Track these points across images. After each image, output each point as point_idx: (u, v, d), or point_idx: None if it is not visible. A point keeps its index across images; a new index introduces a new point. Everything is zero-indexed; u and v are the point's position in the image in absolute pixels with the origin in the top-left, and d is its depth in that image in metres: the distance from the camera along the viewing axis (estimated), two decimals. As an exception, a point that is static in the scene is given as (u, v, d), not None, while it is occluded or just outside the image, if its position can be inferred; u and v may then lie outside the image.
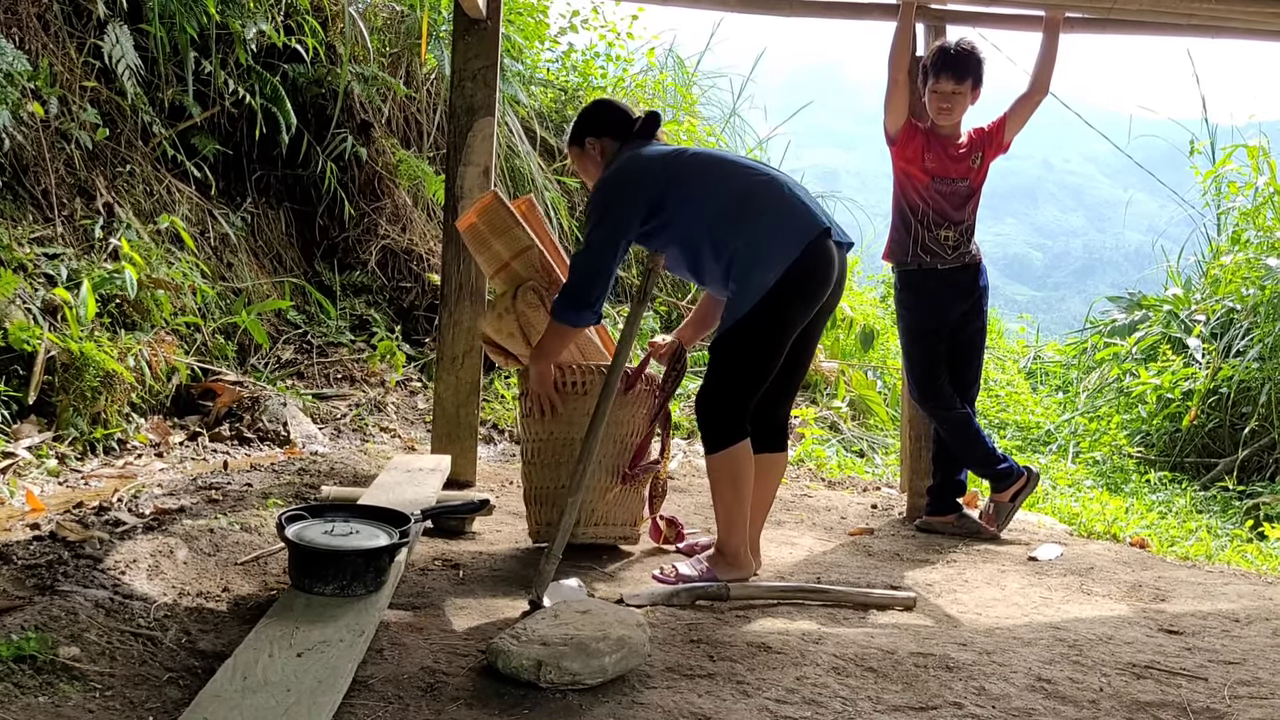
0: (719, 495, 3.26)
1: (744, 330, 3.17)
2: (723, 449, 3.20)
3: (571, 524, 3.03)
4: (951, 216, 4.13)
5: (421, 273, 6.71)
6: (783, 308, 3.15)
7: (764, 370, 3.21)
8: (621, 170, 3.32)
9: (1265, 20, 4.34)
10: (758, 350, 3.19)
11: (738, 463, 3.20)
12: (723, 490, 3.24)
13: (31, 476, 3.94)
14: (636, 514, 3.64)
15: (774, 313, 3.15)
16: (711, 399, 3.22)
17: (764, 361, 3.20)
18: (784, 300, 3.15)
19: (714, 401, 3.22)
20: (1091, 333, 9.11)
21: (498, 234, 3.47)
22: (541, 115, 7.99)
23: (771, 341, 3.19)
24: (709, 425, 3.23)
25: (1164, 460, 6.67)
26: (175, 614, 2.58)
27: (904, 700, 2.46)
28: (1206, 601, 3.52)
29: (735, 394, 3.20)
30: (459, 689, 2.31)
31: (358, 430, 5.32)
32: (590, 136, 3.49)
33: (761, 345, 3.18)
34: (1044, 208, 57.29)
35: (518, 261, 3.48)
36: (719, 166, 3.33)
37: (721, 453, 3.20)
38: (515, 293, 3.45)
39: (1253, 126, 8.89)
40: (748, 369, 3.20)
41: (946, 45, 4.09)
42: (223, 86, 5.94)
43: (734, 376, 3.21)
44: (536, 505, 3.55)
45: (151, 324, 5.00)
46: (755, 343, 3.18)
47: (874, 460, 6.07)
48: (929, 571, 3.71)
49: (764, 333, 3.17)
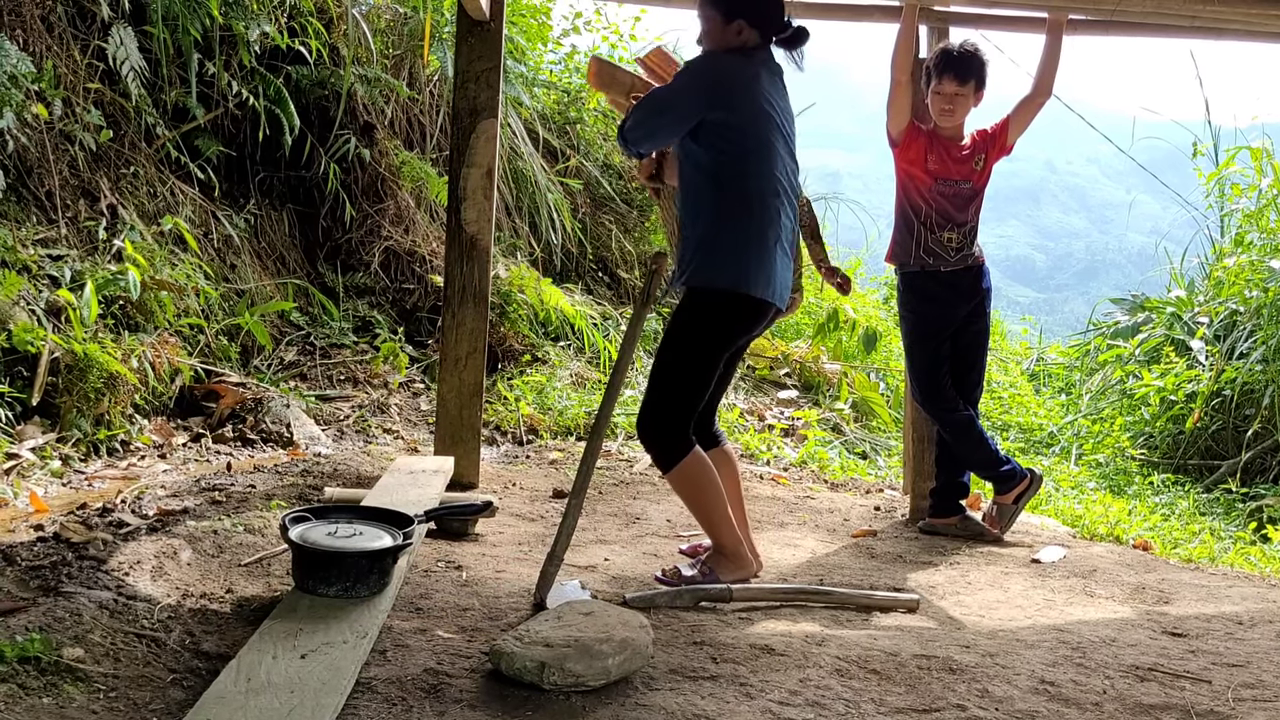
0: (693, 505, 3.31)
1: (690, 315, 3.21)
2: (675, 465, 3.21)
3: (574, 526, 3.04)
4: (954, 218, 4.13)
5: (424, 274, 6.72)
6: (723, 323, 3.22)
7: (701, 379, 3.23)
8: (730, 66, 3.25)
9: (1268, 22, 4.33)
10: (695, 351, 3.22)
11: (695, 471, 3.22)
12: (692, 500, 3.29)
13: (35, 478, 3.95)
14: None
15: (714, 318, 3.21)
16: (652, 415, 3.22)
17: (700, 369, 3.22)
18: (726, 316, 3.21)
19: (655, 418, 3.22)
20: (1094, 334, 9.10)
21: (608, 85, 3.90)
22: (544, 117, 7.99)
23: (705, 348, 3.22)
24: (656, 444, 3.23)
25: (1167, 462, 6.67)
26: (179, 615, 2.58)
27: (907, 702, 2.46)
28: (1210, 604, 3.51)
29: (675, 406, 3.21)
30: (462, 690, 2.31)
31: (361, 432, 5.33)
32: (743, 19, 3.27)
33: (696, 346, 3.22)
34: (1047, 209, 57.29)
35: (633, 97, 3.67)
36: (769, 151, 3.25)
37: (675, 470, 3.22)
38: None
39: (1256, 128, 8.88)
40: (687, 373, 3.21)
41: (949, 47, 4.09)
42: (226, 88, 5.94)
43: (674, 383, 3.22)
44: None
45: (155, 325, 5.00)
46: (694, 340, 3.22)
47: (877, 462, 6.07)
48: (932, 574, 3.70)
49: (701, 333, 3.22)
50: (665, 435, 3.20)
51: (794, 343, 7.53)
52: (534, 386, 5.99)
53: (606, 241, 7.91)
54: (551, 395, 5.93)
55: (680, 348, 3.23)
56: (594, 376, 6.43)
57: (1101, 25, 4.43)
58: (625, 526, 4.08)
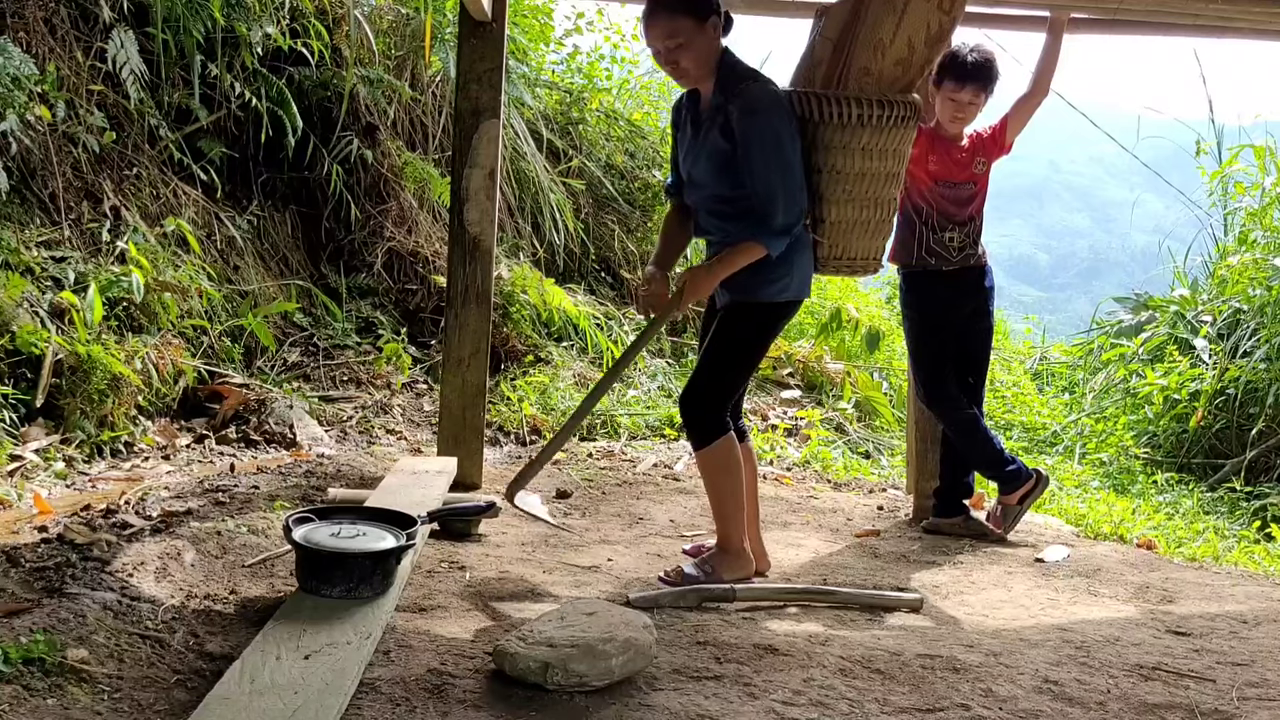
0: (714, 489, 3.34)
1: (754, 324, 3.33)
2: (712, 442, 3.28)
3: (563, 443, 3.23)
4: (956, 218, 4.12)
5: (427, 275, 6.72)
6: (778, 325, 3.42)
7: (749, 372, 3.43)
8: (778, 93, 3.26)
9: (1271, 20, 4.33)
10: (752, 352, 3.39)
11: (726, 452, 3.30)
12: (717, 483, 3.32)
13: (39, 479, 3.95)
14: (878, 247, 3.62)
15: (774, 325, 3.39)
16: (700, 395, 3.31)
17: (753, 364, 3.43)
18: (784, 321, 3.44)
19: (702, 398, 3.31)
20: (1098, 333, 9.07)
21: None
22: (547, 117, 7.99)
23: (762, 348, 3.44)
24: (698, 422, 3.31)
25: (1171, 461, 6.65)
26: (183, 616, 2.59)
27: (911, 702, 2.46)
28: (1214, 603, 3.51)
29: (723, 391, 3.32)
30: (466, 691, 2.32)
31: (364, 432, 5.33)
32: (715, 15, 3.17)
33: (755, 348, 3.40)
34: (1050, 208, 57.22)
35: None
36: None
37: (711, 446, 3.28)
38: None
39: (1259, 126, 8.85)
40: (740, 367, 3.36)
41: (963, 53, 3.99)
42: (229, 90, 5.95)
43: (726, 373, 3.33)
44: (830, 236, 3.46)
45: (158, 327, 5.01)
46: (754, 344, 3.38)
47: (880, 462, 6.06)
48: (936, 573, 3.70)
49: (761, 338, 3.40)
50: (709, 413, 3.29)
51: (797, 342, 7.52)
52: (537, 387, 5.99)
53: (609, 242, 7.91)
54: (554, 396, 5.93)
55: (742, 350, 3.36)
56: (597, 377, 6.43)
57: (1105, 24, 4.43)
58: (629, 527, 4.08)
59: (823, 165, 3.33)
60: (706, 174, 3.28)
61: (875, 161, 3.38)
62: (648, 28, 3.22)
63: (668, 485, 4.77)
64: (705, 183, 3.31)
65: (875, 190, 3.43)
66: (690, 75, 3.23)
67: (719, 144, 3.21)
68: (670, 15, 3.15)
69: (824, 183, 3.35)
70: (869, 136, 3.33)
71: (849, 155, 3.33)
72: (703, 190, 3.33)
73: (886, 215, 3.54)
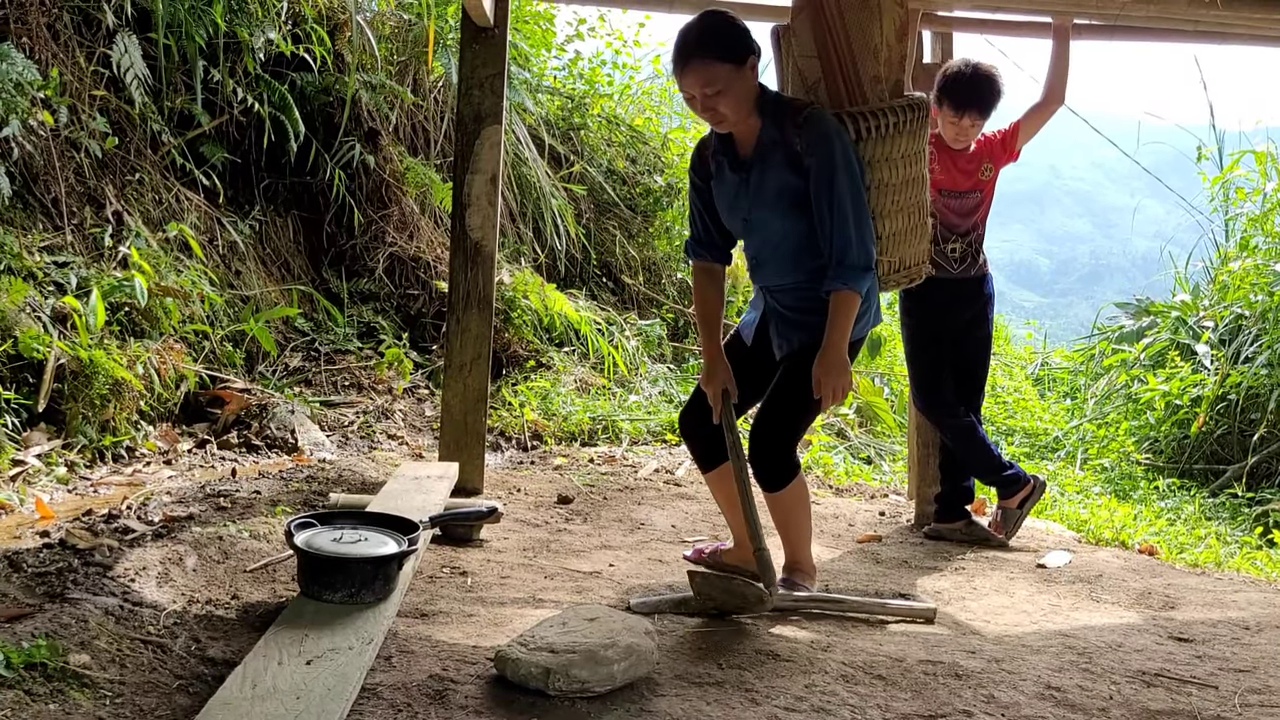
0: (794, 523, 3.25)
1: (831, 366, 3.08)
2: (788, 484, 3.17)
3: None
4: (958, 228, 4.10)
5: (429, 280, 6.73)
6: (854, 358, 3.25)
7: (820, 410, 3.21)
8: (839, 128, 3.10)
9: (1272, 26, 4.33)
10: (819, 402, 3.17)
11: (802, 491, 3.24)
12: (797, 517, 3.24)
13: (41, 484, 3.96)
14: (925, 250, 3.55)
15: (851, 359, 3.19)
16: (780, 442, 3.15)
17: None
18: (857, 351, 3.28)
19: (784, 444, 3.16)
20: (1099, 339, 9.07)
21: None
22: (548, 123, 8.01)
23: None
24: (780, 467, 3.15)
25: (1172, 467, 6.65)
26: (185, 621, 2.59)
27: (913, 708, 2.46)
28: (1216, 609, 3.50)
29: (800, 434, 3.25)
30: (468, 697, 2.31)
31: (365, 437, 5.33)
32: (754, 55, 2.95)
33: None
34: (1051, 214, 57.21)
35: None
36: None
37: (788, 488, 3.17)
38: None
39: (1260, 132, 8.84)
40: (816, 409, 3.18)
41: (964, 77, 3.94)
42: (231, 95, 5.96)
43: (805, 416, 3.20)
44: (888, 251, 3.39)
45: (160, 332, 5.01)
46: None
47: (881, 467, 6.06)
48: (937, 579, 3.70)
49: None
50: (789, 458, 3.18)
51: (798, 348, 7.52)
52: (538, 392, 5.99)
53: (611, 247, 7.92)
54: (556, 401, 5.94)
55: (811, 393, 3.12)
56: (598, 382, 6.44)
57: (1105, 30, 4.43)
58: (630, 532, 4.08)
59: (869, 182, 3.23)
60: (776, 215, 3.07)
61: (913, 167, 3.37)
62: (680, 74, 2.96)
63: (669, 491, 4.77)
64: (774, 225, 3.09)
65: (917, 195, 3.41)
66: (729, 121, 3.00)
67: (787, 180, 3.02)
68: (705, 63, 2.91)
69: (873, 199, 3.23)
70: (906, 143, 3.31)
71: (891, 166, 3.28)
72: (772, 234, 3.12)
73: (925, 217, 3.51)
